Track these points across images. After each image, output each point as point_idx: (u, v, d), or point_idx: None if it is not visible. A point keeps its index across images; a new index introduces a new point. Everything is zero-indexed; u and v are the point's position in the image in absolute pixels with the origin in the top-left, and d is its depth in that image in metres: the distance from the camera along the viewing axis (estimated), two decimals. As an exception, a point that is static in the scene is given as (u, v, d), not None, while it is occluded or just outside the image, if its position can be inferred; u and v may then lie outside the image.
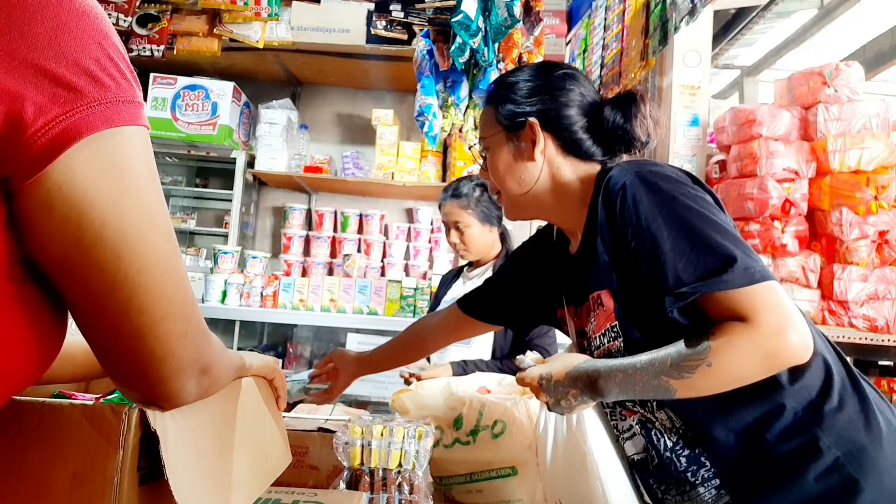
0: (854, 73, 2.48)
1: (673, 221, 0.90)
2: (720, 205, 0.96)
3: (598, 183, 1.03)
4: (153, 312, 0.51)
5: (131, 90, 0.50)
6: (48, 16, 0.45)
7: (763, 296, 0.85)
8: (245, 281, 3.29)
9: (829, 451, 0.87)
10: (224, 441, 0.75)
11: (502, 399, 1.38)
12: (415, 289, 3.25)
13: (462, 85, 2.70)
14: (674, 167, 1.00)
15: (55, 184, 0.45)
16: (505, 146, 1.11)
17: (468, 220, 2.13)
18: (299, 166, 3.56)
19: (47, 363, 0.54)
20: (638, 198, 0.93)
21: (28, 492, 0.58)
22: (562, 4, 3.14)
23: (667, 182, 0.94)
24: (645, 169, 0.96)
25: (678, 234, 0.89)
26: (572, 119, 1.09)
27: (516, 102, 1.10)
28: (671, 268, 0.88)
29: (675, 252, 0.89)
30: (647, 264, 0.91)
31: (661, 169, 0.97)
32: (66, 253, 0.47)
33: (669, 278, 0.89)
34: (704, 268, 0.87)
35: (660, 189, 0.93)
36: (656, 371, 0.89)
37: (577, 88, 1.10)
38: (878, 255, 2.42)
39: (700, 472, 0.95)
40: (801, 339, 0.84)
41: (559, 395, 0.99)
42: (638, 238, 0.92)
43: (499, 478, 1.31)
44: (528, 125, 1.08)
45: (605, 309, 1.01)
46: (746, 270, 0.85)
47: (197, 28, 3.21)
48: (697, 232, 0.89)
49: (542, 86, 1.10)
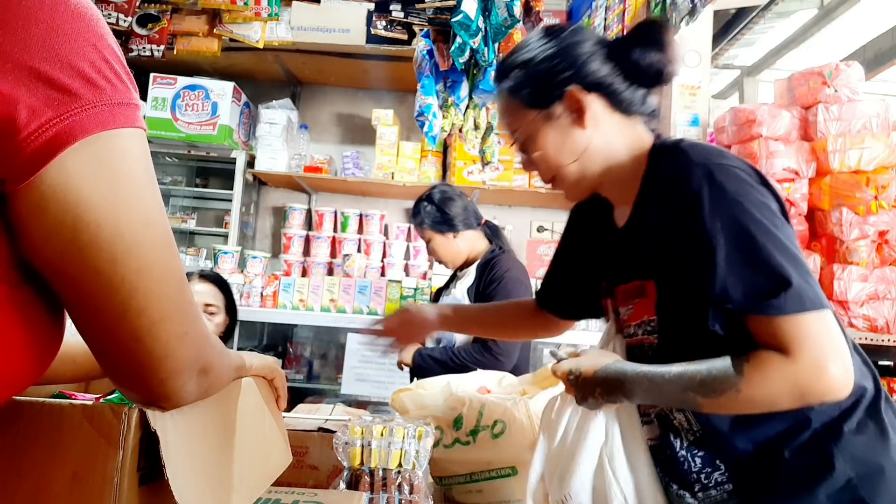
0: (854, 73, 2.48)
1: (732, 229, 0.85)
2: (784, 210, 0.91)
3: (654, 158, 0.99)
4: (151, 314, 0.51)
5: (127, 92, 0.50)
6: (42, 17, 0.45)
7: (810, 326, 0.81)
8: (245, 281, 3.28)
9: (843, 471, 0.86)
10: (224, 441, 0.75)
11: (502, 399, 1.37)
12: (415, 289, 3.25)
13: (462, 85, 2.70)
14: (741, 161, 0.93)
15: (50, 187, 0.45)
16: (547, 128, 1.03)
17: (428, 235, 2.22)
18: (299, 166, 3.56)
19: (45, 365, 0.54)
20: (701, 195, 0.87)
21: (28, 491, 0.58)
22: (562, 4, 3.14)
23: (734, 182, 0.87)
24: (713, 161, 0.90)
25: (735, 246, 0.84)
26: (605, 71, 1.01)
27: (543, 78, 1.02)
28: (720, 279, 0.84)
29: (728, 264, 0.84)
30: (697, 269, 0.87)
31: (729, 163, 0.90)
32: (62, 256, 0.47)
33: (716, 289, 0.85)
34: (755, 287, 0.83)
35: (725, 191, 0.87)
36: (684, 385, 0.87)
37: (590, 39, 1.03)
38: (878, 255, 2.41)
39: (714, 475, 0.94)
40: (841, 377, 0.80)
41: (586, 392, 0.97)
42: (693, 239, 0.88)
43: (499, 478, 1.31)
44: (568, 95, 1.00)
45: (647, 300, 0.98)
46: (799, 297, 0.81)
47: (197, 28, 3.21)
48: (756, 246, 0.83)
49: (560, 50, 1.02)
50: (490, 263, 2.16)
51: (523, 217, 3.92)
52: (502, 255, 2.20)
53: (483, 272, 2.15)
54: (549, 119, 1.03)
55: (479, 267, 2.19)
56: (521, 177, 3.52)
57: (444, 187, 2.29)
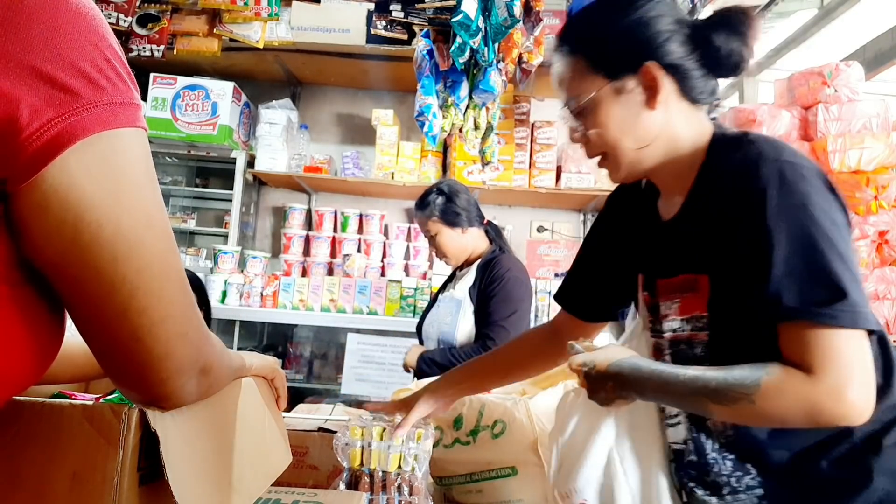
0: (854, 73, 2.48)
1: (795, 232, 0.82)
2: (848, 220, 0.88)
3: (716, 149, 0.96)
4: (152, 313, 0.51)
5: (128, 92, 0.50)
6: (44, 17, 0.45)
7: (844, 345, 0.79)
8: (245, 281, 3.29)
9: (880, 485, 0.84)
10: (224, 441, 0.75)
11: (502, 399, 1.37)
12: (415, 289, 3.25)
13: (462, 85, 2.70)
14: (810, 162, 0.89)
15: (51, 186, 0.45)
16: (614, 101, 0.96)
17: (436, 228, 2.19)
18: (299, 166, 3.56)
19: (45, 365, 0.54)
20: (770, 192, 0.84)
21: (28, 492, 0.58)
22: (562, 4, 3.14)
23: (804, 184, 0.84)
24: (785, 159, 0.86)
25: (796, 248, 0.82)
26: (683, 53, 0.94)
27: (621, 44, 0.95)
28: (776, 280, 0.82)
29: (787, 268, 0.82)
30: (753, 265, 0.84)
31: (800, 163, 0.87)
32: (64, 255, 0.47)
33: (770, 289, 0.82)
34: (811, 294, 0.80)
35: (794, 192, 0.84)
36: (696, 389, 0.85)
37: (673, 15, 0.96)
38: (878, 255, 2.42)
39: (745, 479, 0.92)
40: (859, 404, 0.78)
41: (598, 386, 0.95)
42: (753, 234, 0.85)
43: (499, 478, 1.31)
44: (645, 70, 0.94)
45: (698, 295, 0.94)
46: (853, 312, 0.79)
47: (197, 28, 3.21)
48: (817, 253, 0.81)
49: (643, 20, 0.95)
50: (491, 263, 2.16)
51: (523, 217, 3.92)
52: (503, 255, 2.20)
53: (484, 272, 2.15)
54: (618, 92, 0.95)
55: (479, 267, 2.19)
56: (521, 177, 3.52)
57: (452, 181, 2.30)
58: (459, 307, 2.14)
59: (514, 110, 3.57)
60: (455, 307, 2.15)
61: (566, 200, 3.74)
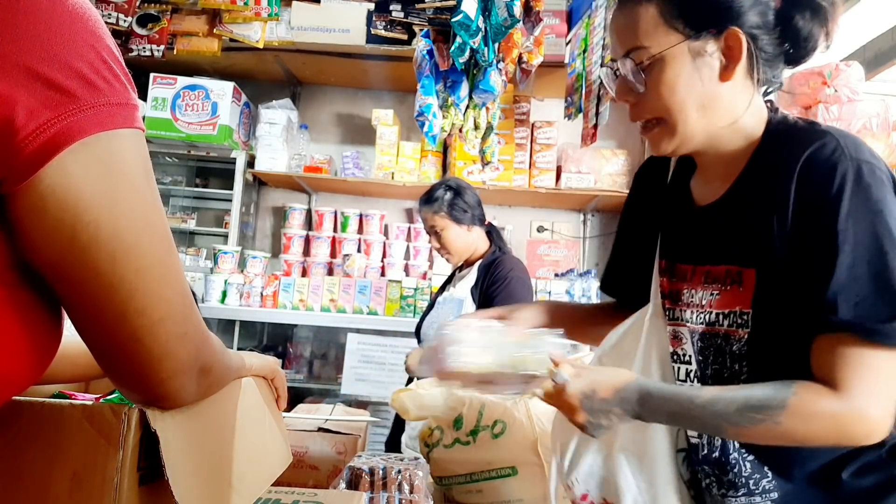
0: (854, 73, 2.48)
1: (865, 239, 0.78)
2: None
3: (775, 136, 0.90)
4: (151, 314, 0.51)
5: (125, 92, 0.50)
6: (41, 18, 0.45)
7: (885, 364, 0.77)
8: (245, 281, 3.28)
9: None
10: (224, 441, 0.75)
11: (502, 399, 1.37)
12: (415, 289, 3.25)
13: (462, 85, 2.70)
14: (887, 165, 0.84)
15: (48, 187, 0.45)
16: (687, 60, 0.86)
17: (442, 223, 2.18)
18: (299, 166, 3.56)
19: (44, 366, 0.54)
20: (845, 192, 0.78)
21: (28, 492, 0.58)
22: (562, 4, 3.14)
23: (880, 188, 0.79)
24: (861, 157, 0.81)
25: (863, 257, 0.78)
26: (769, 27, 0.87)
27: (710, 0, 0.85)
28: (835, 286, 0.78)
29: (849, 275, 0.77)
30: (814, 267, 0.80)
31: (876, 163, 0.81)
32: (61, 256, 0.47)
33: (828, 294, 0.78)
34: (870, 311, 0.77)
35: (869, 195, 0.79)
36: (717, 413, 0.81)
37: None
38: (878, 255, 2.41)
39: (762, 482, 0.90)
40: (880, 422, 0.77)
41: (601, 414, 0.87)
42: (820, 234, 0.80)
43: (499, 478, 1.31)
44: (730, 34, 0.85)
45: (742, 289, 0.88)
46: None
47: (197, 28, 3.21)
48: (885, 265, 0.77)
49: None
50: (494, 263, 2.16)
51: (523, 217, 3.92)
52: (505, 256, 2.20)
53: (486, 272, 2.15)
54: (695, 53, 0.86)
55: (482, 267, 2.19)
56: (520, 177, 3.52)
57: (459, 179, 2.30)
58: (461, 307, 2.14)
59: (514, 110, 3.57)
60: (457, 307, 2.15)
61: (566, 200, 3.74)
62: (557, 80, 3.27)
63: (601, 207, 3.82)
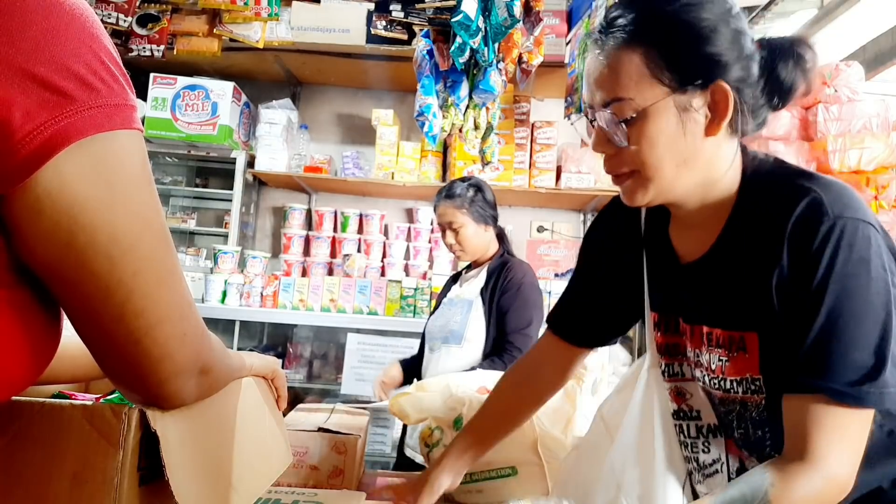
0: (854, 73, 2.48)
1: (842, 301, 0.76)
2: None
3: (751, 185, 0.87)
4: (149, 316, 0.51)
5: (123, 93, 0.49)
6: (38, 20, 0.45)
7: (855, 425, 0.77)
8: (245, 281, 3.28)
9: None
10: (224, 441, 0.75)
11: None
12: (415, 289, 3.25)
13: (462, 85, 2.70)
14: (874, 216, 0.80)
15: (45, 189, 0.45)
16: (671, 114, 0.81)
17: (462, 220, 2.14)
18: (299, 166, 3.56)
19: (42, 366, 0.54)
20: (825, 254, 0.77)
21: (28, 492, 0.58)
22: (562, 4, 3.14)
23: (864, 249, 0.77)
24: (848, 216, 0.77)
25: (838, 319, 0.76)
26: (753, 79, 0.83)
27: (699, 51, 0.80)
28: (808, 349, 0.78)
29: (823, 337, 0.77)
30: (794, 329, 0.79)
31: (864, 219, 0.78)
32: (59, 258, 0.47)
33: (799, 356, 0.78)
34: (840, 375, 0.76)
35: (850, 257, 0.77)
36: None
37: (750, 33, 0.83)
38: (878, 255, 2.41)
39: None
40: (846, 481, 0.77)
41: None
42: (801, 296, 0.79)
43: (499, 478, 1.31)
44: (717, 88, 0.80)
45: (748, 355, 0.86)
46: (881, 392, 0.75)
47: (197, 28, 3.21)
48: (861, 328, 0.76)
49: (727, 31, 0.81)
50: (505, 268, 2.12)
51: (523, 217, 3.92)
52: (515, 261, 2.17)
53: (497, 276, 2.12)
54: (681, 108, 0.81)
55: (491, 270, 2.16)
56: (520, 177, 3.52)
57: (479, 178, 2.27)
58: (470, 307, 2.12)
59: (514, 110, 3.57)
60: (466, 307, 2.13)
61: (566, 200, 3.74)
62: (557, 80, 3.27)
63: (601, 207, 3.80)
